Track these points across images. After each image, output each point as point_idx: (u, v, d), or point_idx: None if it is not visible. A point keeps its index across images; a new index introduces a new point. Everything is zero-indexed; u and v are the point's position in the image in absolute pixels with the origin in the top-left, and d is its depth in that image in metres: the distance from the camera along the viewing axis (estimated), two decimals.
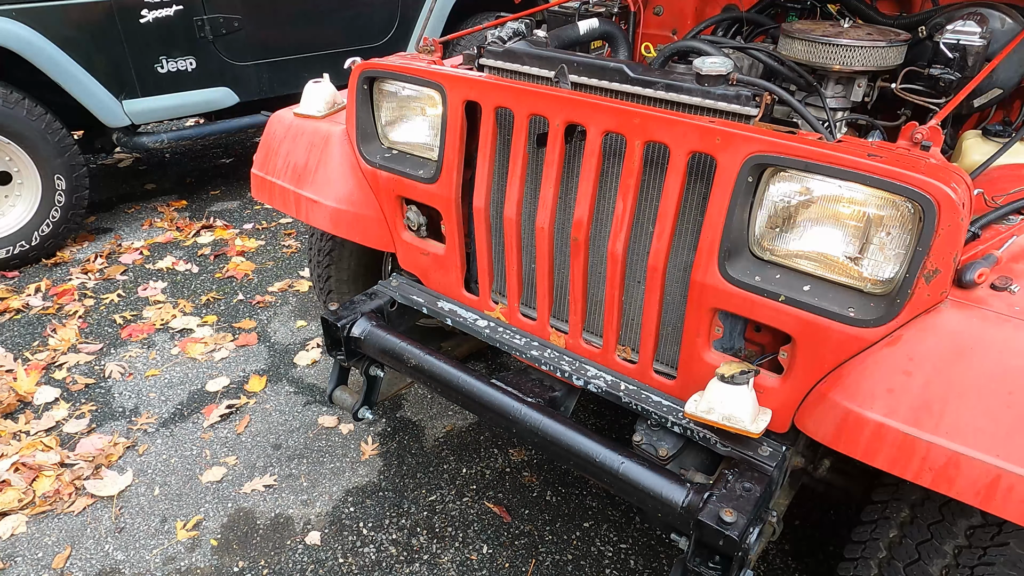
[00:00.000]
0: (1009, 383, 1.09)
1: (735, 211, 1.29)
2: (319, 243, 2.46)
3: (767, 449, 1.44)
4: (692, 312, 1.42)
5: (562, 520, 2.22)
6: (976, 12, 1.76)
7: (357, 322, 1.89)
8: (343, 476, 2.38)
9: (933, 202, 1.11)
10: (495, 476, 2.38)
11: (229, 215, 4.34)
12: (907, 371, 1.16)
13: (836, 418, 1.21)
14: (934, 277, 1.16)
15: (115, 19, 3.59)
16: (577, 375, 1.65)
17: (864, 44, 1.62)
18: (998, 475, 1.05)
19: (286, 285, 3.54)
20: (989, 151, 1.66)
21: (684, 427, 1.49)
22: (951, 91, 1.65)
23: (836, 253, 1.28)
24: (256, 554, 2.11)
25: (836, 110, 1.75)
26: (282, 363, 2.95)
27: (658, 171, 1.45)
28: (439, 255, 1.85)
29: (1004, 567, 1.26)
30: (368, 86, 1.82)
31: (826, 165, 1.19)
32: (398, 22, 4.68)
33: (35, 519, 2.22)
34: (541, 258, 1.62)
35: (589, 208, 1.49)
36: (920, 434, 1.11)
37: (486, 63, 1.70)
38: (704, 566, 1.33)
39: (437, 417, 2.65)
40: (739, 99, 1.34)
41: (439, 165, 1.70)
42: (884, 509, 1.44)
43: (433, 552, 2.11)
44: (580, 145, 1.53)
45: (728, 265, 1.32)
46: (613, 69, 1.48)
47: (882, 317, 1.20)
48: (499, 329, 1.80)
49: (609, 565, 2.07)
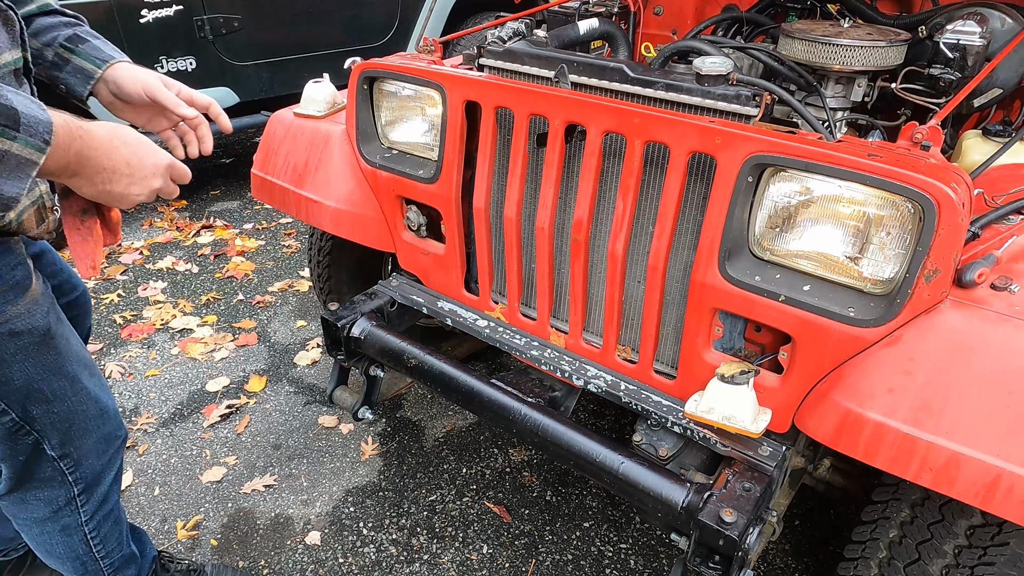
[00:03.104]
0: (1009, 383, 1.09)
1: (735, 211, 1.29)
2: (319, 243, 2.46)
3: (767, 449, 1.44)
4: (692, 312, 1.42)
5: (562, 520, 2.22)
6: (976, 12, 1.76)
7: (357, 322, 1.89)
8: (343, 476, 2.38)
9: (933, 202, 1.11)
10: (495, 476, 2.38)
11: (229, 215, 4.34)
12: (907, 371, 1.16)
13: (836, 418, 1.21)
14: (934, 277, 1.16)
15: (115, 19, 3.59)
16: (577, 375, 1.65)
17: (864, 44, 1.62)
18: (998, 475, 1.05)
19: (286, 285, 3.54)
20: (989, 151, 1.66)
21: (684, 427, 1.49)
22: (951, 91, 1.65)
23: (836, 253, 1.28)
24: (256, 554, 2.11)
25: (836, 110, 1.75)
26: (282, 363, 2.95)
27: (658, 171, 1.45)
28: (439, 255, 1.85)
29: (1004, 567, 1.26)
30: (368, 86, 1.82)
31: (826, 165, 1.19)
32: (398, 22, 4.68)
33: None
34: (541, 258, 1.62)
35: (589, 208, 1.49)
36: (920, 434, 1.11)
37: (486, 63, 1.70)
38: (704, 566, 1.33)
39: (437, 417, 2.65)
40: (739, 99, 1.34)
41: (439, 165, 1.70)
42: (884, 509, 1.45)
43: (433, 552, 2.11)
44: (580, 145, 1.53)
45: (728, 265, 1.32)
46: (613, 69, 1.48)
47: (882, 317, 1.20)
48: (499, 329, 1.80)
49: (609, 565, 2.07)
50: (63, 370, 1.29)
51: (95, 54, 1.37)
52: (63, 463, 1.40)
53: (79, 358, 1.35)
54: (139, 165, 1.11)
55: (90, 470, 1.45)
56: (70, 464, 1.41)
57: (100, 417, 1.41)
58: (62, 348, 1.29)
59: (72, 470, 1.42)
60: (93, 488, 1.48)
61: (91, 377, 1.39)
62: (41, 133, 0.94)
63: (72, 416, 1.35)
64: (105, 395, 1.44)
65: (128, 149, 1.09)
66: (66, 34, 1.35)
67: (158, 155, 1.15)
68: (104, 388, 1.44)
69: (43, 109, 0.97)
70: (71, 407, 1.33)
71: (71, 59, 1.36)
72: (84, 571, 1.59)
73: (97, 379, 1.41)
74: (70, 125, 1.01)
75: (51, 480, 1.41)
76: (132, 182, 1.11)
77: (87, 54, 1.36)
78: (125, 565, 1.66)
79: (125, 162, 1.09)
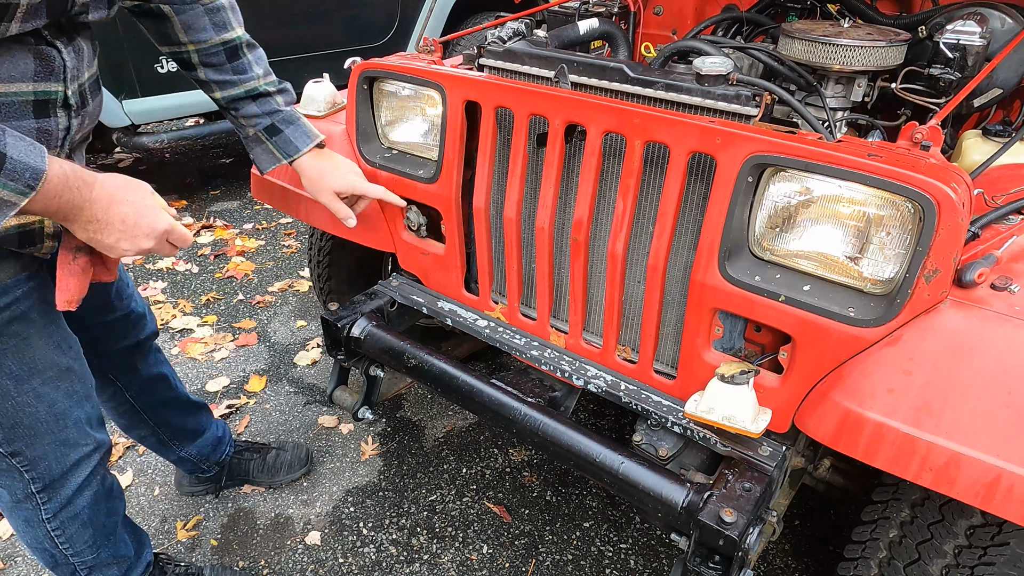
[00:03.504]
0: (1009, 383, 1.09)
1: (735, 211, 1.29)
2: (319, 243, 2.46)
3: (767, 449, 1.44)
4: (692, 312, 1.42)
5: (562, 520, 2.22)
6: (976, 12, 1.76)
7: (357, 322, 1.89)
8: (343, 476, 2.38)
9: (933, 202, 1.11)
10: (495, 476, 2.38)
11: (229, 215, 4.34)
12: (907, 371, 1.16)
13: (836, 418, 1.21)
14: (934, 277, 1.16)
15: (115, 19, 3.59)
16: (577, 375, 1.65)
17: (864, 44, 1.62)
18: (998, 475, 1.05)
19: (286, 285, 3.54)
20: (989, 151, 1.66)
21: (684, 427, 1.49)
22: (951, 91, 1.65)
23: (836, 253, 1.28)
24: (256, 554, 2.11)
25: (836, 110, 1.75)
26: (282, 363, 2.95)
27: (658, 171, 1.45)
28: (439, 255, 1.85)
29: (1004, 567, 1.26)
30: (368, 86, 1.82)
31: (826, 165, 1.19)
32: (398, 22, 4.68)
33: None
34: (541, 258, 1.62)
35: (589, 208, 1.49)
36: (920, 434, 1.11)
37: (486, 63, 1.70)
38: (704, 566, 1.33)
39: (437, 417, 2.65)
40: (739, 99, 1.34)
41: (439, 165, 1.70)
42: (884, 509, 1.45)
43: (433, 552, 2.11)
44: (580, 145, 1.53)
45: (728, 265, 1.32)
46: (613, 69, 1.48)
47: (882, 317, 1.20)
48: (499, 329, 1.80)
49: (609, 565, 2.07)
50: (7, 369, 1.29)
51: (285, 147, 1.64)
52: (15, 459, 1.39)
53: (39, 363, 1.33)
54: (134, 224, 1.16)
55: (48, 472, 1.43)
56: (23, 462, 1.40)
57: (54, 423, 1.39)
58: (12, 349, 1.28)
59: (27, 468, 1.41)
60: (55, 490, 1.46)
61: (57, 383, 1.37)
62: (26, 179, 1.00)
63: (17, 415, 1.34)
64: (73, 405, 1.41)
65: (128, 207, 1.15)
66: (265, 123, 1.62)
67: (157, 220, 1.20)
68: (75, 399, 1.42)
69: (42, 157, 1.03)
70: (15, 406, 1.33)
71: (266, 143, 1.63)
72: (55, 563, 1.59)
73: (67, 387, 1.39)
74: (69, 177, 1.07)
75: (7, 471, 1.41)
76: (123, 238, 1.16)
77: (279, 146, 1.64)
78: (105, 564, 1.65)
79: (120, 219, 1.14)
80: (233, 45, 1.54)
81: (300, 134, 1.64)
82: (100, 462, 1.52)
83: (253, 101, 1.59)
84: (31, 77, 1.12)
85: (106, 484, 1.58)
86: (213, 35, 1.50)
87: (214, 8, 1.49)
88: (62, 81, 1.17)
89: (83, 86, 1.25)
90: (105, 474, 1.57)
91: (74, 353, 1.42)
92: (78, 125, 1.25)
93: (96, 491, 1.54)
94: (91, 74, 1.29)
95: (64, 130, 1.22)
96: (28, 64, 1.11)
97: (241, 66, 1.56)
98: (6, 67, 1.09)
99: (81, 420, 1.44)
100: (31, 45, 1.11)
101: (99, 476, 1.54)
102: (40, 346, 1.33)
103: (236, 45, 1.54)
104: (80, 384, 1.43)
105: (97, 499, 1.55)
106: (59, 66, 1.16)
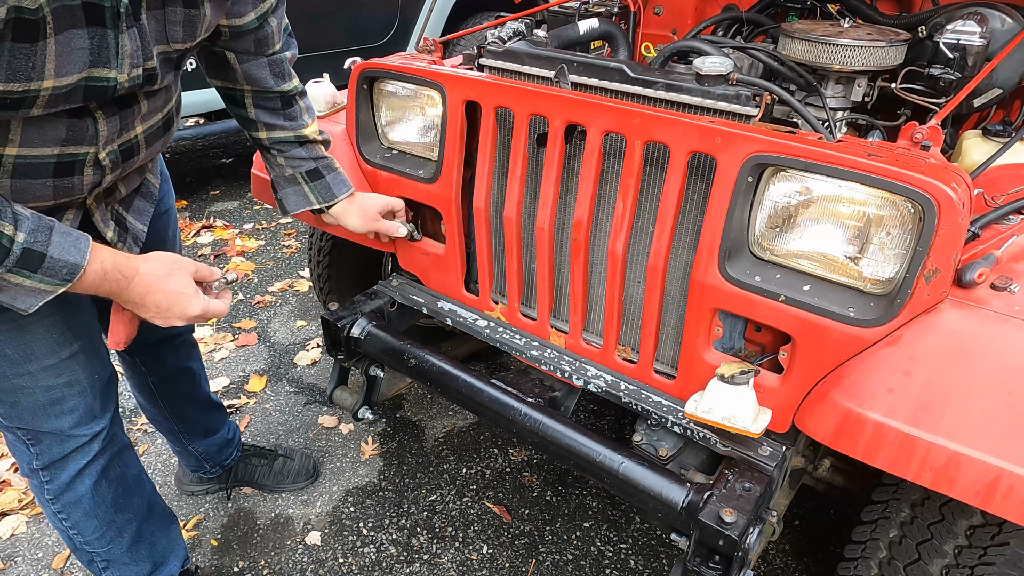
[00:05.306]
0: (1009, 383, 1.09)
1: (735, 211, 1.29)
2: (319, 243, 2.46)
3: (767, 449, 1.44)
4: (692, 312, 1.42)
5: (562, 520, 2.22)
6: (976, 12, 1.76)
7: (357, 322, 1.89)
8: (343, 476, 2.38)
9: (933, 202, 1.11)
10: (495, 476, 2.38)
11: (229, 215, 4.34)
12: (907, 371, 1.16)
13: (836, 418, 1.21)
14: (934, 277, 1.16)
15: None
16: (577, 375, 1.65)
17: (864, 44, 1.62)
18: (998, 475, 1.05)
19: (286, 285, 3.54)
20: (989, 151, 1.66)
21: (684, 427, 1.49)
22: (951, 91, 1.65)
23: (836, 253, 1.28)
24: (256, 554, 2.11)
25: (836, 110, 1.75)
26: (282, 363, 2.95)
27: (658, 171, 1.45)
28: (439, 255, 1.85)
29: (1004, 567, 1.26)
30: (368, 86, 1.82)
31: (826, 165, 1.19)
32: (398, 22, 4.68)
33: (35, 519, 2.22)
34: (541, 258, 1.62)
35: (589, 208, 1.49)
36: (920, 434, 1.11)
37: (486, 63, 1.70)
38: (704, 566, 1.33)
39: (437, 417, 2.65)
40: (739, 99, 1.34)
41: (439, 165, 1.70)
42: (884, 509, 1.45)
43: (433, 552, 2.11)
44: (580, 145, 1.53)
45: (728, 265, 1.32)
46: (613, 69, 1.48)
47: (882, 317, 1.20)
48: (499, 329, 1.80)
49: (609, 565, 2.07)
50: (3, 353, 1.31)
51: (323, 192, 1.66)
52: (19, 433, 1.43)
53: (36, 350, 1.35)
54: (167, 310, 1.25)
55: (49, 453, 1.46)
56: (28, 436, 1.44)
57: (51, 408, 1.41)
58: (6, 332, 1.30)
59: (32, 443, 1.45)
60: (56, 471, 1.49)
61: (57, 371, 1.39)
62: (63, 275, 1.09)
63: (16, 396, 1.37)
64: (74, 394, 1.43)
65: (163, 296, 1.23)
66: (308, 167, 1.64)
67: (188, 308, 1.27)
68: (77, 388, 1.43)
69: (83, 254, 1.10)
70: (13, 387, 1.35)
71: (303, 185, 1.65)
72: (73, 547, 1.62)
73: (69, 376, 1.41)
74: (108, 271, 1.15)
75: (14, 443, 1.46)
76: (157, 317, 1.26)
77: (318, 190, 1.66)
78: (122, 563, 1.66)
79: (155, 305, 1.24)
80: (290, 95, 1.57)
81: (339, 182, 1.67)
82: (100, 453, 1.52)
83: (301, 146, 1.62)
84: (59, 143, 1.11)
85: (111, 477, 1.57)
86: (272, 84, 1.53)
87: (277, 60, 1.51)
88: (94, 144, 1.16)
89: (131, 141, 1.24)
90: (110, 467, 1.57)
91: (82, 344, 1.41)
92: (115, 177, 1.26)
93: (96, 481, 1.54)
94: (148, 127, 1.28)
95: (93, 184, 1.22)
96: (58, 132, 1.10)
97: (293, 113, 1.60)
98: (32, 133, 1.08)
99: (80, 409, 1.45)
100: (63, 117, 1.10)
101: (98, 467, 1.53)
102: (40, 334, 1.33)
103: (292, 95, 1.58)
104: (85, 374, 1.43)
105: (100, 490, 1.55)
106: (91, 134, 1.15)
